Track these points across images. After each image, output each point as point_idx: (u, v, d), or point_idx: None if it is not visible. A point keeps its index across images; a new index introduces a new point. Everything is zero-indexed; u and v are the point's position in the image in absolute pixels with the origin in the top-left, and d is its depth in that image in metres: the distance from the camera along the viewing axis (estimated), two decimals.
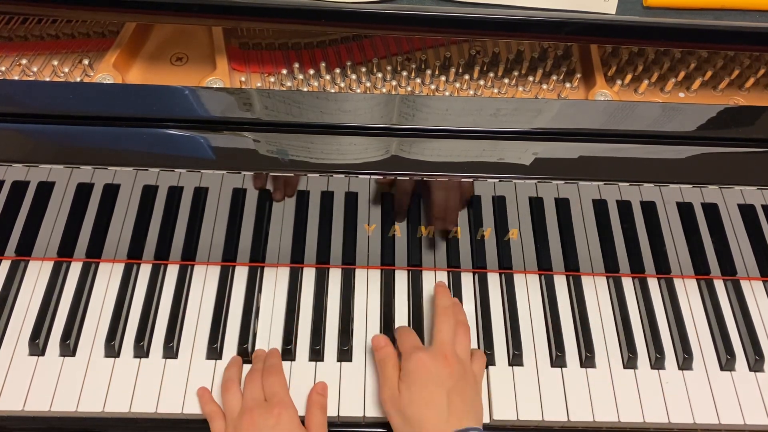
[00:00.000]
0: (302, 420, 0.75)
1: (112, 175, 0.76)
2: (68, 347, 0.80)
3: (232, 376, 0.78)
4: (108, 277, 0.87)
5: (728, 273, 0.89)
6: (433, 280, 0.88)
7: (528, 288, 0.88)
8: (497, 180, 0.74)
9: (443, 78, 0.85)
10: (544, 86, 0.85)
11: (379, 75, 0.82)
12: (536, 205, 0.80)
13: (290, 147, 0.72)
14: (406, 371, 0.73)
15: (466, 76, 0.84)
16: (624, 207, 0.80)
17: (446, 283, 0.87)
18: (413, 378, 0.72)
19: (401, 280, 0.88)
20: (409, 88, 0.84)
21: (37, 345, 0.80)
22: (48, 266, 0.87)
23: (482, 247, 0.86)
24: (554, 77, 0.86)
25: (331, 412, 0.77)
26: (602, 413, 0.79)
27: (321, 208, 0.81)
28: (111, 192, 0.79)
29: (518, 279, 0.89)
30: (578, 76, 0.84)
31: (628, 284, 0.89)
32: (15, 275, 0.86)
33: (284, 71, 0.84)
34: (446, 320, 0.77)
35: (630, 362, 0.82)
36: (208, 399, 0.77)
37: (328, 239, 0.85)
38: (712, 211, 0.80)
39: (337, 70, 0.84)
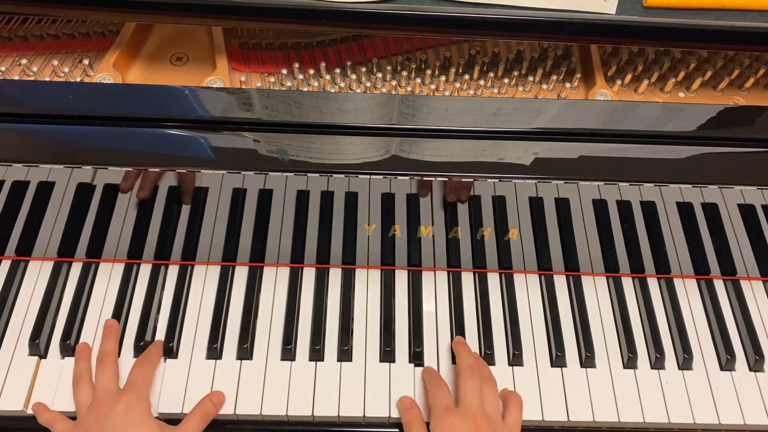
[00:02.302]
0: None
1: (112, 176, 0.76)
2: (68, 347, 0.80)
3: (82, 371, 0.77)
4: (108, 277, 0.87)
5: (728, 273, 0.89)
6: (433, 280, 0.88)
7: (528, 288, 0.88)
8: (497, 180, 0.74)
9: (443, 78, 0.85)
10: (544, 86, 0.85)
11: (379, 75, 0.82)
12: (536, 205, 0.80)
13: (290, 147, 0.72)
14: None
15: (466, 76, 0.84)
16: (624, 207, 0.80)
17: (447, 280, 0.88)
18: None
19: (401, 280, 0.88)
20: (409, 88, 0.84)
21: (37, 345, 0.80)
22: (48, 266, 0.87)
23: (482, 247, 0.86)
24: (554, 77, 0.86)
25: (331, 412, 0.77)
26: (602, 413, 0.79)
27: (321, 208, 0.81)
28: (111, 192, 0.79)
29: (518, 279, 0.89)
30: (578, 76, 0.84)
31: (628, 284, 0.89)
32: (15, 275, 0.86)
33: (284, 71, 0.84)
34: (472, 380, 0.75)
35: (630, 362, 0.82)
36: (42, 409, 0.76)
37: (328, 239, 0.85)
38: (712, 211, 0.80)
39: (337, 70, 0.84)
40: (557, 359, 0.82)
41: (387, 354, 0.81)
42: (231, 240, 0.85)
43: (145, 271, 0.87)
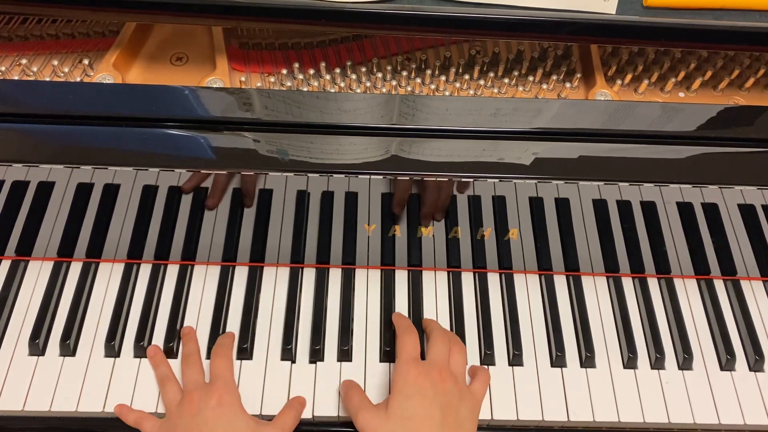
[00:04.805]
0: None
1: (112, 175, 0.76)
2: (68, 347, 0.80)
3: (167, 372, 0.78)
4: (108, 277, 0.87)
5: (728, 273, 0.89)
6: (433, 280, 0.88)
7: (528, 288, 0.88)
8: (497, 180, 0.74)
9: (443, 78, 0.85)
10: (544, 86, 0.85)
11: (379, 75, 0.82)
12: (536, 205, 0.80)
13: (290, 147, 0.72)
14: (400, 380, 0.72)
15: (466, 76, 0.84)
16: (624, 207, 0.80)
17: (447, 280, 0.88)
18: (406, 391, 0.71)
19: (401, 280, 0.88)
20: (409, 88, 0.84)
21: (37, 345, 0.80)
22: (48, 266, 0.87)
23: (482, 247, 0.86)
24: (554, 77, 0.86)
25: (331, 411, 0.77)
26: (602, 413, 0.79)
27: (321, 208, 0.81)
28: (111, 192, 0.79)
29: (518, 279, 0.89)
30: (578, 76, 0.84)
31: (628, 284, 0.89)
32: (15, 275, 0.86)
33: (284, 71, 0.84)
34: (440, 339, 0.77)
35: (630, 362, 0.82)
36: (127, 410, 0.76)
37: (328, 239, 0.85)
38: (712, 211, 0.80)
39: (337, 70, 0.84)
40: (557, 359, 0.82)
41: (387, 354, 0.81)
42: (231, 240, 0.85)
43: (145, 271, 0.87)
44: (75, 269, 0.87)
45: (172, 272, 0.87)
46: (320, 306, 0.85)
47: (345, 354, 0.81)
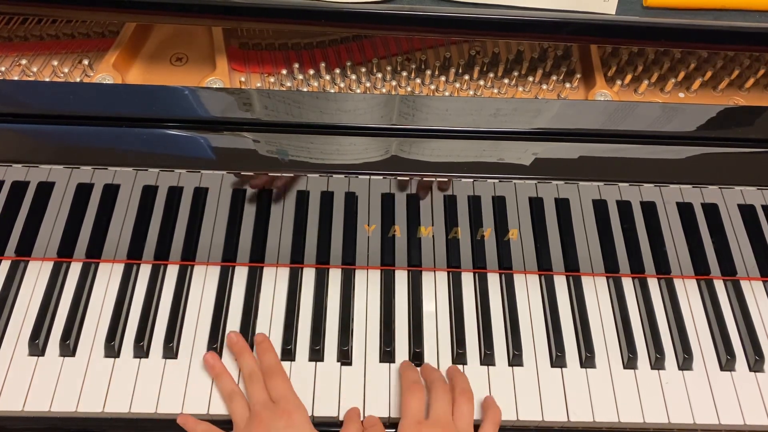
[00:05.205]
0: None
1: (112, 175, 0.76)
2: (68, 347, 0.80)
3: (233, 386, 0.77)
4: (108, 277, 0.87)
5: (728, 273, 0.89)
6: (433, 280, 0.88)
7: (528, 288, 0.88)
8: (497, 180, 0.74)
9: (443, 78, 0.85)
10: (544, 86, 0.85)
11: (379, 75, 0.82)
12: (536, 205, 0.80)
13: (290, 147, 0.72)
14: None
15: (466, 77, 0.84)
16: (624, 207, 0.80)
17: (447, 280, 0.88)
18: None
19: (401, 280, 0.88)
20: (409, 88, 0.84)
21: (37, 345, 0.80)
22: (48, 266, 0.87)
23: (482, 247, 0.86)
24: (554, 77, 0.86)
25: (331, 412, 0.77)
26: (602, 413, 0.79)
27: (321, 208, 0.81)
28: (111, 192, 0.79)
29: (518, 279, 0.89)
30: (578, 76, 0.84)
31: (628, 284, 0.89)
32: (15, 275, 0.86)
33: (284, 71, 0.84)
34: (441, 393, 0.74)
35: (630, 362, 0.82)
36: (193, 423, 0.75)
37: (328, 239, 0.85)
38: (712, 211, 0.80)
39: (337, 70, 0.84)
40: (557, 359, 0.82)
41: (387, 354, 0.81)
42: (231, 240, 0.85)
43: (145, 271, 0.87)
44: (75, 269, 0.87)
45: (172, 272, 0.87)
46: (320, 306, 0.85)
47: (345, 354, 0.81)
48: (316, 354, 0.81)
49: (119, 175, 0.76)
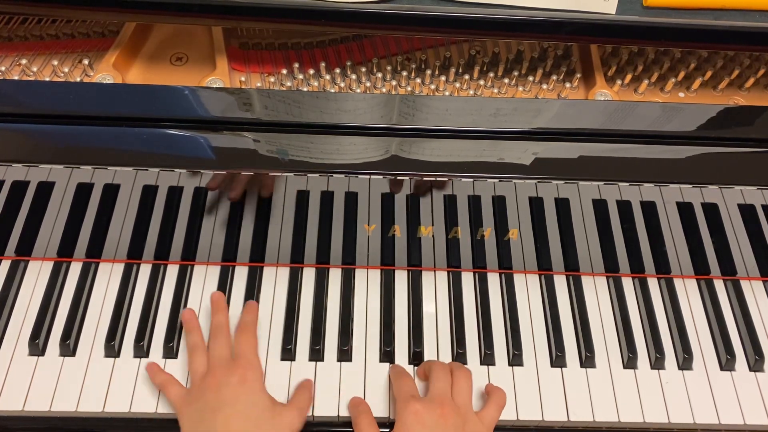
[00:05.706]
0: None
1: (112, 175, 0.76)
2: (68, 347, 0.80)
3: (197, 340, 0.78)
4: (108, 277, 0.87)
5: (728, 273, 0.89)
6: (433, 280, 0.88)
7: (528, 288, 0.88)
8: (497, 180, 0.74)
9: (443, 78, 0.85)
10: (544, 86, 0.85)
11: (379, 75, 0.82)
12: (536, 205, 0.80)
13: (290, 147, 0.72)
14: (400, 423, 0.70)
15: (466, 76, 0.84)
16: (624, 207, 0.80)
17: (447, 280, 0.88)
18: (407, 430, 0.69)
19: (401, 280, 0.88)
20: (409, 88, 0.84)
21: (37, 345, 0.80)
22: (48, 266, 0.87)
23: (482, 247, 0.86)
24: (554, 77, 0.86)
25: (331, 411, 0.77)
26: (602, 413, 0.79)
27: (321, 208, 0.81)
28: (111, 192, 0.79)
29: (518, 279, 0.89)
30: (578, 76, 0.84)
31: (628, 284, 0.89)
32: (15, 275, 0.86)
33: (284, 71, 0.84)
34: (440, 372, 0.75)
35: (630, 362, 0.82)
36: (156, 370, 0.77)
37: (328, 239, 0.85)
38: (712, 211, 0.80)
39: (337, 70, 0.84)
40: (557, 359, 0.82)
41: (387, 354, 0.81)
42: (231, 240, 0.85)
43: (145, 271, 0.87)
44: (75, 269, 0.87)
45: (172, 272, 0.87)
46: (320, 306, 0.85)
47: (345, 354, 0.81)
48: (316, 354, 0.81)
49: (119, 175, 0.76)
